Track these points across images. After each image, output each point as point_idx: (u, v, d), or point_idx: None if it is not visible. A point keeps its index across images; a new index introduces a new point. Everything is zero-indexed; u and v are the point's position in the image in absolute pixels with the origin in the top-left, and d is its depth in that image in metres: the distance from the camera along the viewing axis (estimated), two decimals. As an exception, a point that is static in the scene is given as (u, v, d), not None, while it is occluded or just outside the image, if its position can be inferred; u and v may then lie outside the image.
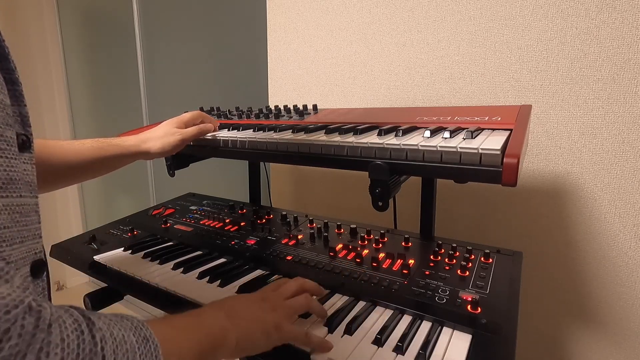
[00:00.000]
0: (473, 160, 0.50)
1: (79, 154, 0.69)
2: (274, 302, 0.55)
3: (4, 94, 0.35)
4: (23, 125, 0.39)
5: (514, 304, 0.60)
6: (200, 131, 0.79)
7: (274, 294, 0.57)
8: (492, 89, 0.97)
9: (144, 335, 0.36)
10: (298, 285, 0.60)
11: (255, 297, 0.57)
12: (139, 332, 0.36)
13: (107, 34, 2.21)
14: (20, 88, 0.39)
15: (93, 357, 0.30)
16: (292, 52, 1.29)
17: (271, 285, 0.61)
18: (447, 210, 1.06)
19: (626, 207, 0.86)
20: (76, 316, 0.31)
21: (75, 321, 0.31)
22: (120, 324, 0.35)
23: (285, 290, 0.58)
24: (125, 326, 0.35)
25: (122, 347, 0.33)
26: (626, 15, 0.80)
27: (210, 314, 0.49)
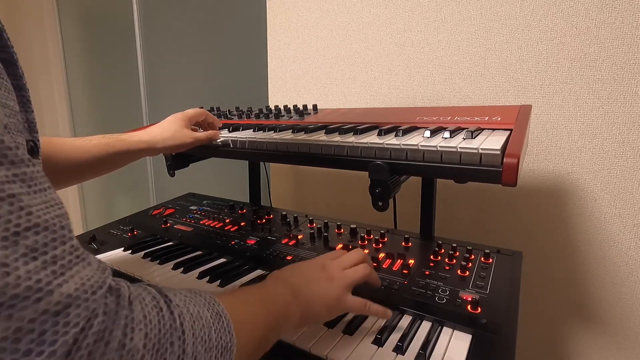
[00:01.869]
0: (473, 160, 0.50)
1: (86, 151, 0.69)
2: (333, 271, 0.56)
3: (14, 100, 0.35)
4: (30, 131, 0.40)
5: (514, 304, 0.60)
6: (209, 139, 0.79)
7: (334, 263, 0.58)
8: (492, 89, 0.97)
9: (216, 310, 0.37)
10: (357, 256, 0.60)
11: (315, 265, 0.57)
12: (212, 308, 0.37)
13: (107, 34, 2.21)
14: (28, 94, 0.39)
15: (173, 332, 0.31)
16: (292, 52, 1.29)
17: (332, 254, 0.61)
18: (447, 210, 1.06)
19: (626, 207, 0.86)
20: (154, 294, 0.33)
21: (153, 298, 0.32)
22: (195, 299, 0.36)
23: (344, 260, 0.59)
24: (199, 302, 0.37)
25: (198, 323, 0.34)
26: (626, 15, 0.80)
27: (275, 289, 0.50)
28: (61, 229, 0.27)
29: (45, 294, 0.24)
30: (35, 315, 0.23)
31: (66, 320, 0.24)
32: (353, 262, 0.59)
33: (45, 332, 0.23)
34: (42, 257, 0.25)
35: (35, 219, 0.25)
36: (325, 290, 0.53)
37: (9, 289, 0.22)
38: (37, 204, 0.26)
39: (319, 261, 0.58)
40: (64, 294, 0.25)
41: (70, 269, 0.26)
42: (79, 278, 0.26)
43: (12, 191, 0.24)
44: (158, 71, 1.97)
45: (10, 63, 0.37)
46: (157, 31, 1.92)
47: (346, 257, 0.60)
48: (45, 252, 0.25)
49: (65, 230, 0.27)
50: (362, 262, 0.60)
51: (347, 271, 0.56)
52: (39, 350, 0.23)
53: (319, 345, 0.53)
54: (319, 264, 0.57)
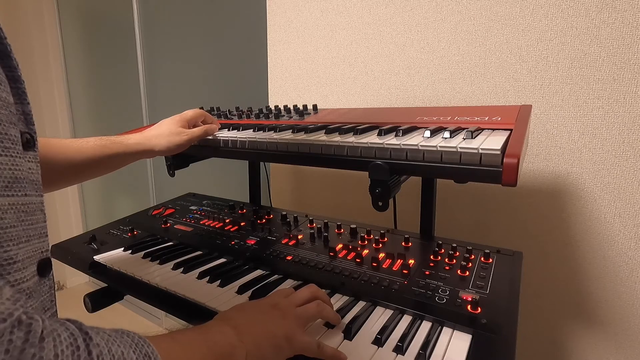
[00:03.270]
0: (473, 160, 0.50)
1: (83, 152, 0.69)
2: (285, 309, 0.53)
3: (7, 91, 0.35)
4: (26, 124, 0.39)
5: (514, 304, 0.60)
6: (206, 132, 0.79)
7: (285, 300, 0.55)
8: (492, 89, 0.97)
9: (145, 352, 0.34)
10: (310, 292, 0.58)
11: (265, 303, 0.54)
12: (139, 349, 0.34)
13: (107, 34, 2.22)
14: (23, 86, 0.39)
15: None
16: (292, 52, 1.29)
17: (282, 291, 0.59)
18: (447, 210, 1.06)
19: (626, 207, 0.86)
20: (72, 330, 0.30)
21: (71, 335, 0.29)
22: (120, 339, 0.33)
23: (296, 298, 0.56)
24: (125, 342, 0.33)
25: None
26: (626, 15, 0.80)
27: (217, 329, 0.47)
28: None
29: None
30: None
31: None
32: (305, 299, 0.56)
33: None
34: None
35: None
36: (274, 330, 0.50)
37: None
38: None
39: (269, 300, 0.56)
40: None
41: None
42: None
43: None
44: (158, 71, 1.97)
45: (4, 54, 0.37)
46: (157, 31, 1.92)
47: (298, 293, 0.57)
48: None
49: None
50: (315, 298, 0.57)
51: (298, 309, 0.54)
52: None
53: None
54: (270, 303, 0.54)
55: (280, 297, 0.57)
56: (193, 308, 0.64)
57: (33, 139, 0.39)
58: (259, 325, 0.50)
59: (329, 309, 0.57)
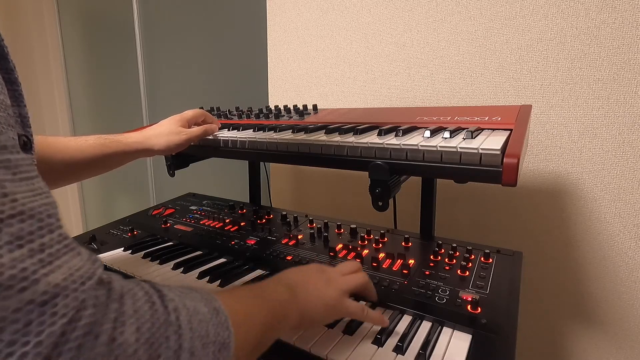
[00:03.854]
0: (473, 160, 0.50)
1: (82, 151, 0.69)
2: (332, 275, 0.56)
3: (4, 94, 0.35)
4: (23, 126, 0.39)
5: (514, 304, 0.60)
6: (206, 131, 0.78)
7: (332, 268, 0.58)
8: (492, 89, 0.97)
9: (214, 306, 0.36)
10: (357, 265, 0.61)
11: (314, 268, 0.57)
12: (209, 304, 0.36)
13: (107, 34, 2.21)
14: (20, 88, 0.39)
15: (168, 326, 0.30)
16: (292, 52, 1.29)
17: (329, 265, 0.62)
18: (447, 210, 1.06)
19: (626, 207, 0.86)
20: (147, 289, 0.32)
21: (146, 293, 0.31)
22: (191, 295, 0.36)
23: (343, 267, 0.59)
24: (196, 297, 0.36)
25: (195, 317, 0.33)
26: (626, 15, 0.80)
27: (273, 288, 0.50)
28: (48, 217, 0.26)
29: (30, 283, 0.23)
30: (20, 305, 0.22)
31: (53, 311, 0.23)
32: (351, 269, 0.60)
33: (30, 322, 0.23)
34: (28, 245, 0.24)
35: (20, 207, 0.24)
36: (324, 292, 0.52)
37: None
38: (22, 192, 0.25)
39: (318, 265, 0.59)
40: (51, 283, 0.24)
41: (59, 257, 0.26)
42: (67, 268, 0.26)
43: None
44: (158, 71, 1.97)
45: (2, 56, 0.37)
46: (157, 31, 1.92)
47: (344, 264, 0.61)
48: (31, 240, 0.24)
49: (52, 219, 0.26)
50: (360, 271, 0.61)
51: (346, 276, 0.57)
52: (24, 340, 0.22)
53: (319, 345, 0.53)
54: (318, 268, 0.57)
55: (327, 265, 0.60)
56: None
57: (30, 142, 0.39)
58: (310, 287, 0.52)
59: (372, 285, 0.60)
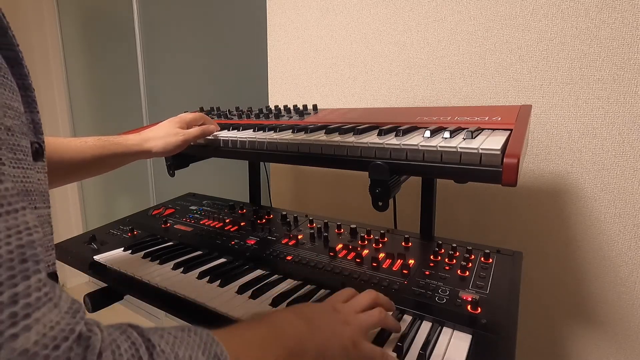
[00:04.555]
0: (473, 160, 0.50)
1: (80, 152, 0.69)
2: (347, 315, 0.51)
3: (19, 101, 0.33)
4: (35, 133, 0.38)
5: (514, 304, 0.60)
6: (203, 132, 0.79)
7: (345, 306, 0.53)
8: (492, 89, 0.97)
9: (214, 353, 0.32)
10: (371, 299, 0.55)
11: (327, 306, 0.52)
12: (209, 350, 0.32)
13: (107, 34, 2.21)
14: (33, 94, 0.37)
15: None
16: (292, 52, 1.29)
17: (340, 296, 0.56)
18: (447, 210, 1.05)
19: (626, 207, 0.86)
20: (134, 338, 0.28)
21: (132, 345, 0.27)
22: (187, 341, 0.31)
23: (357, 304, 0.54)
24: (193, 344, 0.31)
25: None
26: (626, 15, 0.80)
27: (288, 321, 0.46)
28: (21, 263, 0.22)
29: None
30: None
31: None
32: (366, 305, 0.54)
33: None
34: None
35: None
36: (341, 330, 0.47)
37: None
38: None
39: (329, 304, 0.53)
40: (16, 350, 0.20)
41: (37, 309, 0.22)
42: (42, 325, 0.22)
43: None
44: (158, 71, 1.97)
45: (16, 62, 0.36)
46: (157, 31, 1.92)
47: (358, 299, 0.55)
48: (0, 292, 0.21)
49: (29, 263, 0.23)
50: (376, 304, 0.55)
51: (361, 315, 0.51)
52: None
53: (319, 345, 0.53)
54: (330, 306, 0.52)
55: (339, 301, 0.55)
56: (193, 308, 0.64)
57: (42, 149, 0.38)
58: (326, 323, 0.48)
59: (391, 318, 0.54)
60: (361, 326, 0.50)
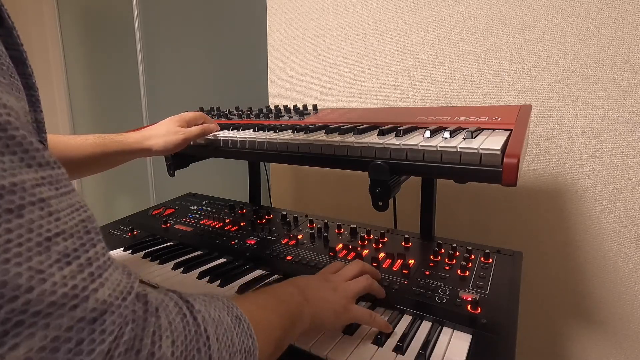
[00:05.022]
0: (473, 160, 0.50)
1: (81, 149, 0.69)
2: (337, 283, 0.57)
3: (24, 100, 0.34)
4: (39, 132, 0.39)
5: (514, 304, 0.60)
6: (203, 131, 0.79)
7: (336, 276, 0.59)
8: (492, 89, 0.97)
9: (235, 314, 0.37)
10: (358, 267, 0.62)
11: (319, 277, 0.58)
12: (231, 312, 0.37)
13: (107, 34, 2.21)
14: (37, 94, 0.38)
15: (199, 338, 0.31)
16: (292, 52, 1.29)
17: (330, 267, 0.63)
18: (447, 210, 1.06)
19: (626, 207, 0.86)
20: (176, 300, 0.33)
21: (176, 305, 0.32)
22: (215, 304, 0.36)
23: (346, 273, 0.60)
24: (219, 306, 0.36)
25: (221, 327, 0.34)
26: (626, 15, 0.80)
27: (287, 291, 0.51)
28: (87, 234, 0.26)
29: (81, 300, 0.23)
30: (72, 323, 0.22)
31: (102, 328, 0.24)
32: (353, 274, 0.60)
33: (82, 341, 0.22)
34: (77, 262, 0.24)
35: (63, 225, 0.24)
36: (332, 297, 0.54)
37: (45, 297, 0.21)
38: (64, 209, 0.25)
39: (321, 275, 0.60)
40: (99, 299, 0.24)
41: (106, 270, 0.26)
42: (110, 283, 0.26)
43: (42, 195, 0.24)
44: (158, 71, 1.97)
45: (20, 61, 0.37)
46: (157, 31, 1.92)
47: (346, 269, 0.61)
48: (78, 257, 0.24)
49: (92, 234, 0.27)
50: (363, 273, 0.61)
51: (349, 283, 0.58)
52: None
53: (319, 345, 0.53)
54: (323, 277, 0.58)
55: (329, 272, 0.61)
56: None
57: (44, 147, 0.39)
58: (319, 292, 0.54)
59: (376, 284, 0.61)
60: (350, 292, 0.56)
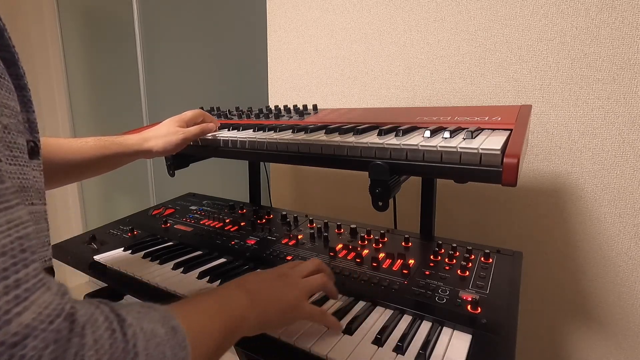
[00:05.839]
0: (473, 160, 0.50)
1: (81, 152, 0.69)
2: (292, 279, 0.57)
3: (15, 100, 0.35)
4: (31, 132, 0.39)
5: (514, 304, 0.60)
6: (203, 130, 0.79)
7: (292, 271, 0.59)
8: (492, 89, 0.97)
9: (171, 325, 0.36)
10: (315, 265, 0.62)
11: (273, 273, 0.58)
12: (167, 323, 0.36)
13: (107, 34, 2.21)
14: (29, 94, 0.39)
15: (126, 355, 0.30)
16: (292, 52, 1.29)
17: (289, 264, 0.63)
18: (447, 210, 1.05)
19: (626, 207, 0.86)
20: (107, 313, 0.31)
21: (106, 319, 0.31)
22: (149, 316, 0.35)
23: (302, 269, 0.60)
24: (154, 318, 0.36)
25: (152, 341, 0.33)
26: (626, 15, 0.80)
27: (231, 293, 0.51)
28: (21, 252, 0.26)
29: (2, 324, 0.23)
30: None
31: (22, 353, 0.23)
32: (310, 270, 0.60)
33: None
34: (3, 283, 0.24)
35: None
36: (281, 295, 0.53)
37: None
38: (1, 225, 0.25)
39: (276, 270, 0.59)
40: (22, 323, 0.24)
41: (34, 293, 0.26)
42: (37, 306, 0.25)
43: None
44: (158, 71, 1.97)
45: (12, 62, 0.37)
46: (157, 31, 1.92)
47: (303, 265, 0.61)
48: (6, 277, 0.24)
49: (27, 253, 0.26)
50: (319, 271, 0.61)
51: (304, 279, 0.57)
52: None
53: (319, 345, 0.53)
54: (278, 272, 0.58)
55: (287, 268, 0.60)
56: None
57: (37, 147, 0.40)
58: (268, 291, 0.53)
59: (331, 283, 0.61)
60: (304, 288, 0.56)
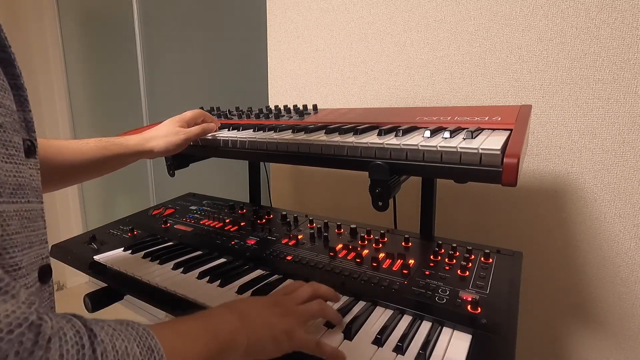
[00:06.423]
0: (473, 160, 0.50)
1: (82, 153, 0.69)
2: (287, 307, 0.53)
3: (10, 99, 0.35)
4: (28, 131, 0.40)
5: (514, 304, 0.60)
6: (204, 130, 0.79)
7: (287, 298, 0.56)
8: (492, 89, 0.97)
9: (148, 345, 0.35)
10: (312, 290, 0.59)
11: (267, 301, 0.55)
12: (143, 342, 0.34)
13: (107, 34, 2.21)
14: (25, 93, 0.39)
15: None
16: (292, 52, 1.29)
17: (283, 289, 0.60)
18: (447, 210, 1.05)
19: (626, 207, 0.86)
20: (78, 327, 0.30)
21: (76, 333, 0.29)
22: (125, 333, 0.34)
23: (298, 295, 0.57)
24: (129, 336, 0.34)
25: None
26: (626, 15, 0.80)
27: (220, 315, 0.48)
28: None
29: None
30: None
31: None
32: (306, 297, 0.57)
33: None
34: None
35: None
36: (275, 321, 0.50)
37: None
38: None
39: (271, 297, 0.57)
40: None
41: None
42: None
43: None
44: (158, 71, 1.97)
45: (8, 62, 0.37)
46: (157, 31, 1.92)
47: (299, 291, 0.58)
48: None
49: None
50: (315, 297, 0.58)
51: (300, 307, 0.54)
52: None
53: (319, 345, 0.53)
54: (272, 301, 0.55)
55: (281, 294, 0.58)
56: (193, 308, 0.64)
57: (34, 146, 0.40)
58: (261, 316, 0.50)
59: (330, 308, 0.57)
60: (299, 317, 0.52)
